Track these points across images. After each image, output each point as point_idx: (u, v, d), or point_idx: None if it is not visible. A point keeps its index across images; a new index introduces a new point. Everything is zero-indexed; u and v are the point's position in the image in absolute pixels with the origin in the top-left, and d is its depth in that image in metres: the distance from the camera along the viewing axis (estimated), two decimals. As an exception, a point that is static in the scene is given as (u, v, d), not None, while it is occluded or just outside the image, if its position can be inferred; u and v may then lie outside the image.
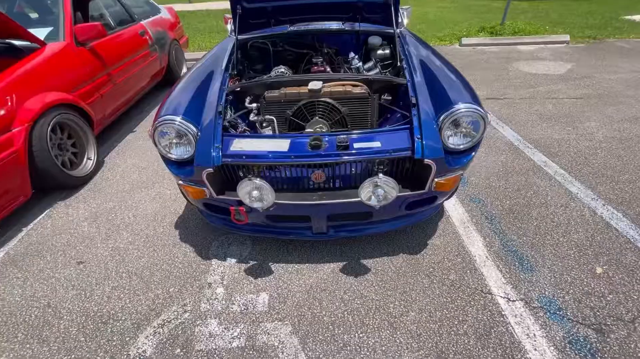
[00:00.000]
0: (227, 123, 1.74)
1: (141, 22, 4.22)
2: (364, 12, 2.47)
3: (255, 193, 1.46)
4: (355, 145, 1.53)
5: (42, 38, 2.91)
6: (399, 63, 2.10)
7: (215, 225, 1.97)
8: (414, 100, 1.66)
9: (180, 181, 1.66)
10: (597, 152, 2.84)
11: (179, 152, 1.64)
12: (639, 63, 5.20)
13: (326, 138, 1.57)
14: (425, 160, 1.47)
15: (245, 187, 1.45)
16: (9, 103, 2.22)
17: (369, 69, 2.31)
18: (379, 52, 2.45)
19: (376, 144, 1.54)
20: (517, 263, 1.83)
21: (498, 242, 1.97)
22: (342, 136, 1.57)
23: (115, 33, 3.63)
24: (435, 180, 1.56)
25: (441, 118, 1.57)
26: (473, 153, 1.64)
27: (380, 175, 1.42)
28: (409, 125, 1.62)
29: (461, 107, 1.54)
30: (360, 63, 2.27)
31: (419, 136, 1.52)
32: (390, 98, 1.96)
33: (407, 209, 1.73)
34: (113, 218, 2.37)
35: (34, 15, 3.57)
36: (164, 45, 4.62)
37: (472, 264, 1.84)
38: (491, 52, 6.41)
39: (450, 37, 7.45)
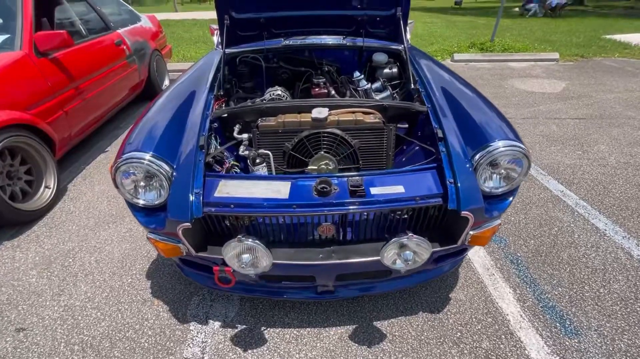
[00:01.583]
0: (211, 159, 1.40)
1: (118, 31, 3.85)
2: (369, 26, 2.21)
3: (246, 257, 1.12)
4: (373, 191, 1.22)
5: (-5, 46, 2.52)
6: (412, 86, 1.83)
7: (194, 282, 1.60)
8: (440, 134, 1.37)
9: (150, 235, 1.29)
10: (615, 180, 2.65)
11: (148, 197, 1.29)
12: (631, 82, 5.20)
13: (336, 181, 1.26)
14: (462, 212, 1.17)
15: (233, 250, 1.11)
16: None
17: (378, 91, 2.03)
18: (386, 70, 2.18)
19: (398, 189, 1.23)
20: (558, 324, 1.54)
21: (531, 295, 1.69)
22: (355, 178, 1.26)
23: (87, 42, 3.24)
24: (471, 232, 1.27)
25: (476, 157, 1.28)
26: (511, 198, 1.36)
27: (410, 233, 1.11)
28: (436, 164, 1.33)
29: (500, 146, 1.26)
30: (369, 85, 1.98)
31: (451, 179, 1.23)
32: (406, 126, 1.68)
33: (432, 263, 1.43)
34: (70, 264, 1.96)
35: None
36: (143, 56, 4.25)
37: (506, 326, 1.54)
38: (484, 68, 6.35)
39: (441, 53, 7.39)
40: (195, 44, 8.88)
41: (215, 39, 2.78)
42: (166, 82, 4.94)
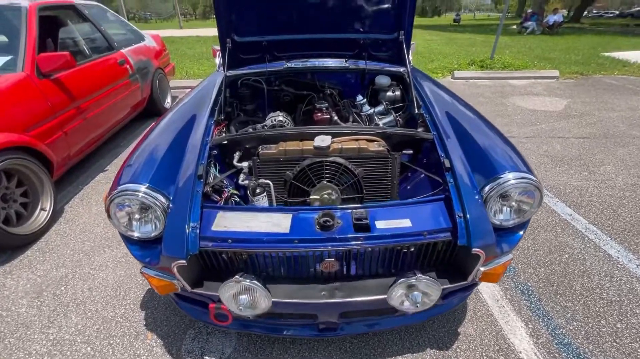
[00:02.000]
0: (209, 189, 1.36)
1: (121, 51, 3.88)
2: (371, 49, 2.20)
3: (243, 298, 1.06)
4: (378, 225, 1.17)
5: (0, 65, 2.52)
6: (416, 110, 1.79)
7: (189, 316, 1.52)
8: (447, 163, 1.32)
9: (144, 270, 1.23)
10: (624, 203, 2.58)
11: (142, 230, 1.23)
12: (633, 100, 5.19)
13: (339, 213, 1.20)
14: (474, 249, 1.11)
15: (231, 290, 1.05)
16: None
17: (381, 115, 2.00)
18: (389, 93, 2.16)
19: (405, 222, 1.18)
20: (575, 364, 1.45)
21: (544, 330, 1.60)
22: (359, 210, 1.20)
23: (90, 62, 3.25)
24: (482, 269, 1.20)
25: (486, 189, 1.23)
26: (522, 232, 1.30)
27: (418, 274, 1.05)
28: (443, 196, 1.27)
29: (510, 178, 1.21)
30: (372, 110, 1.95)
31: (460, 213, 1.17)
32: (410, 152, 1.64)
33: (440, 298, 1.35)
34: (62, 292, 1.88)
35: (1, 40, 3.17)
36: (146, 74, 4.27)
37: (520, 365, 1.45)
38: (484, 85, 6.38)
39: (442, 70, 7.46)
40: (198, 61, 9.00)
41: (218, 60, 2.78)
42: (168, 100, 4.96)
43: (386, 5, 2.03)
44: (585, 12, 29.89)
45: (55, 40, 3.34)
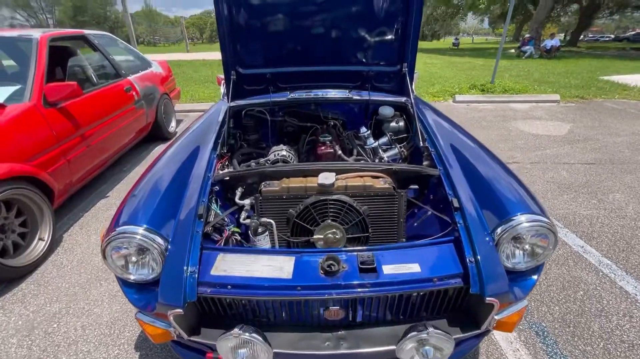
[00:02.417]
0: (209, 228, 1.31)
1: (128, 78, 3.96)
2: (374, 80, 2.22)
3: (242, 352, 0.99)
4: (385, 269, 1.11)
5: (7, 95, 2.55)
6: (421, 143, 1.77)
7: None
8: (455, 203, 1.28)
9: (138, 316, 1.17)
10: (637, 234, 2.50)
11: (139, 273, 1.18)
12: (636, 125, 5.19)
13: (344, 257, 1.15)
14: (487, 299, 1.04)
15: (229, 343, 0.98)
16: None
17: (385, 147, 1.98)
18: (392, 124, 2.15)
19: (413, 267, 1.12)
20: (600, 418, 1.34)
21: (564, 378, 1.50)
22: (366, 253, 1.15)
23: (96, 90, 3.31)
24: (496, 317, 1.13)
25: (498, 231, 1.18)
26: (536, 277, 1.23)
27: (430, 328, 0.98)
28: (453, 237, 1.22)
29: (523, 221, 1.16)
30: (376, 144, 1.94)
31: (471, 257, 1.12)
32: (416, 187, 1.60)
33: (451, 347, 1.27)
34: (54, 330, 1.80)
35: (12, 68, 3.24)
36: (152, 100, 4.34)
37: (540, 420, 1.34)
38: (486, 109, 6.43)
39: (443, 94, 7.56)
40: (203, 84, 9.22)
41: (222, 89, 2.82)
42: (172, 124, 5.01)
43: (389, 38, 2.07)
44: (582, 36, 30.68)
45: (64, 69, 3.42)
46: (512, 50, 18.59)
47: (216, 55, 18.37)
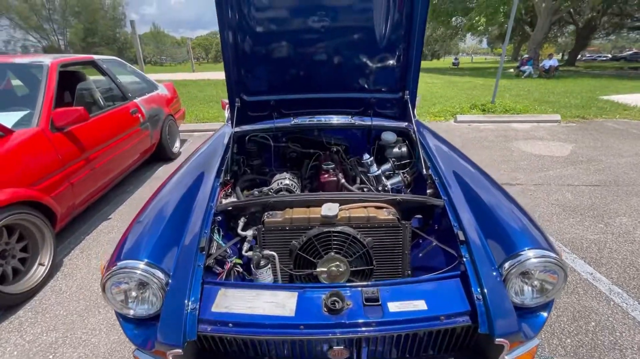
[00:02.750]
0: (211, 261, 1.30)
1: (135, 101, 4.04)
2: (377, 107, 2.24)
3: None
4: (391, 306, 1.08)
5: (16, 120, 2.60)
6: (424, 171, 1.77)
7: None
8: (461, 236, 1.26)
9: (136, 353, 1.14)
10: (647, 261, 2.45)
11: (139, 308, 1.15)
12: (639, 145, 5.19)
13: (348, 292, 1.12)
14: (497, 339, 1.01)
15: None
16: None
17: (388, 174, 1.98)
18: (395, 150, 2.16)
19: (420, 304, 1.09)
20: None
21: (580, 419, 1.42)
22: (370, 289, 1.13)
23: (102, 114, 3.37)
24: (506, 358, 1.09)
25: (505, 266, 1.15)
26: (546, 314, 1.19)
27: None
28: (459, 271, 1.20)
29: (531, 256, 1.13)
30: (379, 171, 1.94)
31: (479, 295, 1.09)
32: (420, 216, 1.58)
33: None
34: (49, 362, 1.76)
35: (23, 91, 3.32)
36: (157, 121, 4.41)
37: None
38: (487, 129, 6.46)
39: (444, 113, 7.63)
40: (207, 104, 9.37)
41: (227, 113, 2.86)
42: (177, 144, 5.07)
43: (391, 67, 2.11)
44: (579, 56, 31.24)
45: (72, 92, 3.50)
46: (512, 70, 18.91)
47: (221, 74, 18.83)
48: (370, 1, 1.87)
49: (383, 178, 1.92)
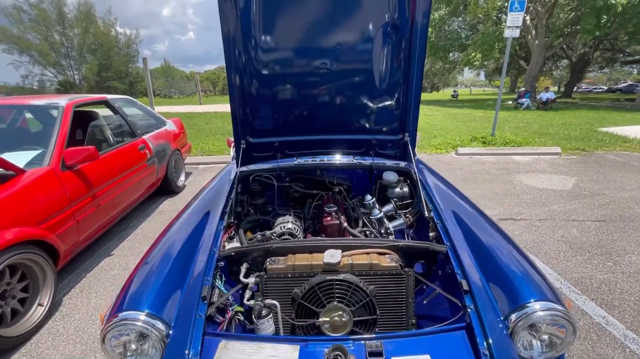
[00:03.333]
0: (213, 310, 1.28)
1: (143, 137, 4.17)
2: (378, 148, 2.30)
3: None
4: (395, 362, 1.05)
5: (28, 160, 2.68)
6: (426, 214, 1.78)
7: None
8: (465, 285, 1.25)
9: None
10: (661, 303, 2.37)
11: (137, 362, 1.13)
12: (641, 179, 5.18)
13: (351, 346, 1.10)
14: (506, 400, 0.97)
15: None
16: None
17: (390, 216, 1.99)
18: (397, 190, 2.19)
19: (424, 359, 1.06)
20: None
21: None
22: (374, 342, 1.10)
23: (111, 151, 3.47)
24: (518, 418, 1.04)
25: (512, 318, 1.13)
26: (557, 369, 1.15)
27: None
28: (464, 323, 1.17)
29: (537, 309, 1.12)
30: (381, 214, 1.96)
31: (485, 350, 1.06)
32: (423, 261, 1.57)
33: None
34: (40, 413, 1.68)
35: (38, 128, 3.45)
36: (164, 156, 4.52)
37: None
38: (489, 161, 6.52)
39: (445, 146, 7.75)
40: (214, 136, 9.59)
41: (232, 151, 2.94)
42: (182, 178, 5.14)
43: (391, 109, 2.19)
44: (575, 88, 32.12)
45: (84, 130, 3.63)
46: (510, 102, 19.41)
47: (227, 107, 19.47)
48: (371, 46, 1.97)
49: (385, 220, 1.93)
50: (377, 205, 2.00)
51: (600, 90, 40.31)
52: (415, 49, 1.94)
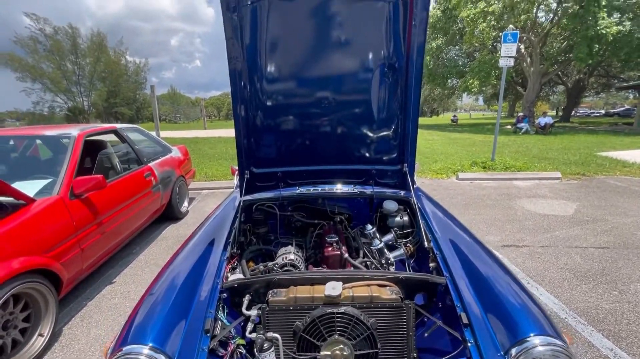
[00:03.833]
0: (215, 343, 1.30)
1: (149, 164, 4.27)
2: (378, 177, 2.37)
3: None
4: (396, 397, 1.05)
5: (39, 189, 2.76)
6: (426, 244, 1.81)
7: None
8: (464, 318, 1.27)
9: None
10: (669, 335, 2.32)
11: (139, 398, 1.14)
12: (643, 204, 5.18)
13: (352, 380, 1.10)
14: None
15: None
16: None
17: (391, 246, 2.03)
18: (397, 219, 2.23)
19: (425, 394, 1.06)
20: None
21: None
22: (374, 377, 1.11)
23: (118, 179, 3.55)
24: None
25: (512, 352, 1.14)
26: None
27: None
28: (465, 358, 1.18)
29: (537, 344, 1.13)
30: (382, 244, 1.99)
31: (486, 386, 1.06)
32: (424, 293, 1.59)
33: None
34: None
35: (48, 156, 3.56)
36: (168, 183, 4.60)
37: None
38: (489, 186, 6.56)
39: (446, 171, 7.82)
40: (217, 161, 9.75)
41: (236, 179, 3.02)
42: (185, 204, 5.20)
43: (390, 140, 2.27)
44: (573, 112, 32.65)
45: (93, 158, 3.74)
46: (509, 127, 19.70)
47: (230, 132, 19.88)
48: (370, 79, 2.04)
49: (386, 250, 1.96)
50: (377, 235, 2.04)
51: (598, 114, 40.87)
52: (412, 83, 2.03)
